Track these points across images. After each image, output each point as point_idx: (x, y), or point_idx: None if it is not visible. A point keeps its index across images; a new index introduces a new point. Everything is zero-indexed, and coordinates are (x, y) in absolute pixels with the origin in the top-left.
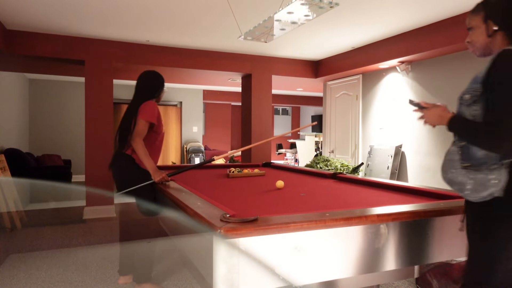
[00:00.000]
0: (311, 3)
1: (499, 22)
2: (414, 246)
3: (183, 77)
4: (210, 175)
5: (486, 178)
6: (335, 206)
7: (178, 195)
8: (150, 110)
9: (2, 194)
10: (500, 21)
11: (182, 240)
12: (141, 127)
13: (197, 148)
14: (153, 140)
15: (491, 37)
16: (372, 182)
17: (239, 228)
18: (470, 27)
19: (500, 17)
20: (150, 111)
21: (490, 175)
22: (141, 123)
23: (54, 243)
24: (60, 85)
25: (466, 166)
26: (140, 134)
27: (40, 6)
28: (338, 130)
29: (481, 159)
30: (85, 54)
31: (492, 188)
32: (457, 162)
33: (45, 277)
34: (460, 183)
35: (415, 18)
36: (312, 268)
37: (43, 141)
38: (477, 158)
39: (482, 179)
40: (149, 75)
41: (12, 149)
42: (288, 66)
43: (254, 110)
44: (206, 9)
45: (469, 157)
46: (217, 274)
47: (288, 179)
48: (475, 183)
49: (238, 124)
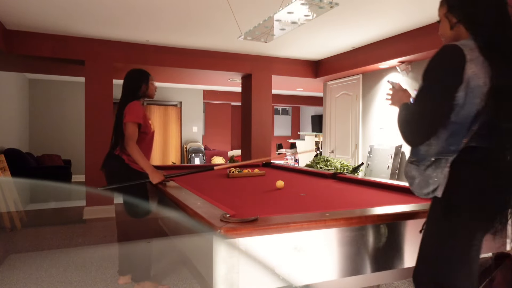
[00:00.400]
0: (311, 3)
1: (458, 15)
2: (414, 246)
3: (183, 77)
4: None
5: (430, 176)
6: (335, 206)
7: (178, 195)
8: (134, 111)
9: (2, 194)
10: (458, 14)
11: (182, 240)
12: (130, 130)
13: (197, 148)
14: (141, 140)
15: (453, 30)
16: (372, 182)
17: (239, 228)
18: (438, 20)
19: (458, 9)
20: (134, 112)
21: (433, 173)
22: (129, 126)
23: (54, 243)
24: (60, 85)
25: (412, 161)
26: (131, 137)
27: (40, 6)
28: (338, 130)
29: (422, 155)
30: (85, 54)
31: (432, 186)
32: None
33: (45, 277)
34: (411, 177)
35: (415, 18)
36: (312, 268)
37: (43, 141)
38: (420, 154)
39: (427, 176)
40: (132, 75)
41: (12, 149)
42: (288, 66)
43: (254, 110)
44: (206, 9)
45: (414, 152)
46: (217, 274)
47: (288, 179)
48: (421, 179)
49: (238, 124)
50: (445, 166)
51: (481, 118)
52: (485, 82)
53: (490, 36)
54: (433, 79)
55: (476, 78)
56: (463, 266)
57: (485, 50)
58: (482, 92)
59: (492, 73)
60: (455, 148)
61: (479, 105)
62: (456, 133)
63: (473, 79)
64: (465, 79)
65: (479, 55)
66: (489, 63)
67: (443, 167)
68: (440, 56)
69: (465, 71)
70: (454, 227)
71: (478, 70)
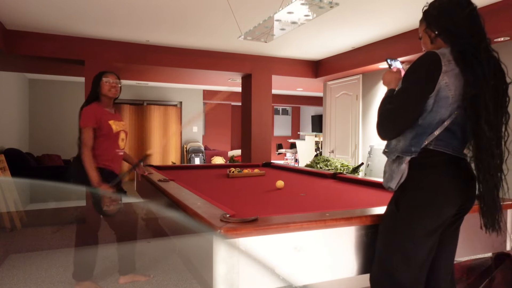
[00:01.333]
0: (311, 3)
1: (436, 28)
2: None
3: (183, 77)
4: (210, 175)
5: (394, 171)
6: (335, 206)
7: (178, 195)
8: (84, 115)
9: (2, 194)
10: (436, 27)
11: (182, 240)
12: (83, 136)
13: (197, 148)
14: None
15: (433, 44)
16: (372, 182)
17: (239, 228)
18: (420, 37)
19: (436, 24)
20: (83, 117)
21: (396, 169)
22: (82, 132)
23: (54, 243)
24: (60, 85)
25: (384, 151)
26: (85, 144)
27: (39, 6)
28: (338, 130)
29: (392, 148)
30: (85, 54)
31: (394, 180)
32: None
33: (45, 277)
34: (384, 171)
35: (415, 18)
36: (312, 268)
37: (43, 141)
38: (391, 147)
39: (392, 171)
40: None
41: (12, 149)
42: (288, 66)
43: (254, 110)
44: (206, 9)
45: (387, 144)
46: (217, 274)
47: (288, 179)
48: (389, 173)
49: (238, 124)
50: (404, 163)
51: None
52: (454, 94)
53: (466, 45)
54: (411, 82)
55: (446, 89)
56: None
57: (461, 60)
58: (448, 103)
59: (465, 82)
60: (415, 149)
61: (443, 114)
62: (419, 135)
63: (444, 90)
64: (437, 88)
65: (455, 67)
66: (463, 73)
67: (402, 163)
68: (421, 62)
69: (439, 81)
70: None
71: (451, 83)
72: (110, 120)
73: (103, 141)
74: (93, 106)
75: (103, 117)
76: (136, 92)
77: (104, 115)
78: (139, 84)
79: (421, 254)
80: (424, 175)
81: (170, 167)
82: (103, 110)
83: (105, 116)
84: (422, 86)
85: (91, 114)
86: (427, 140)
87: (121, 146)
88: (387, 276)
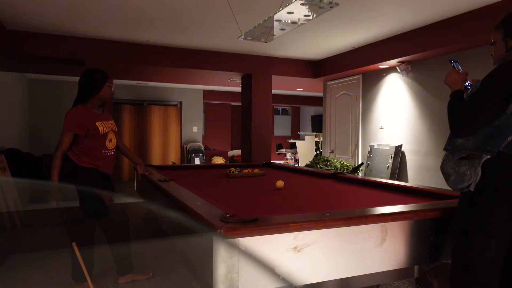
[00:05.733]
0: (311, 3)
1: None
2: (414, 246)
3: (183, 77)
4: (210, 175)
5: (464, 173)
6: (335, 206)
7: (178, 195)
8: (67, 120)
9: (2, 194)
10: None
11: (182, 240)
12: (61, 139)
13: (197, 148)
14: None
15: (507, 52)
16: (372, 182)
17: (239, 228)
18: (493, 42)
19: None
20: (67, 120)
21: (467, 171)
22: (62, 135)
23: (54, 243)
24: (60, 85)
25: (447, 149)
26: (59, 146)
27: (40, 6)
28: (338, 130)
29: (458, 146)
30: (85, 54)
31: (467, 182)
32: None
33: (45, 277)
34: (447, 173)
35: (415, 18)
36: (312, 268)
37: (43, 141)
38: (456, 144)
39: (462, 173)
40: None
41: (12, 149)
42: (288, 66)
43: (254, 110)
44: (206, 9)
45: (450, 142)
46: (217, 274)
47: (288, 179)
48: (456, 176)
49: (238, 124)
50: (478, 165)
51: None
52: None
53: None
54: (494, 85)
55: None
56: (481, 250)
57: None
58: None
59: None
60: (491, 148)
61: None
62: (496, 136)
63: None
64: None
65: None
66: None
67: (476, 166)
68: (505, 68)
69: None
70: (475, 217)
71: None
72: (97, 121)
73: (90, 141)
74: (79, 109)
75: (91, 120)
76: (136, 92)
77: (92, 118)
78: (139, 84)
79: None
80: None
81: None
82: (90, 112)
83: (92, 118)
84: (506, 90)
85: (76, 119)
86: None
87: (109, 147)
88: (463, 268)
